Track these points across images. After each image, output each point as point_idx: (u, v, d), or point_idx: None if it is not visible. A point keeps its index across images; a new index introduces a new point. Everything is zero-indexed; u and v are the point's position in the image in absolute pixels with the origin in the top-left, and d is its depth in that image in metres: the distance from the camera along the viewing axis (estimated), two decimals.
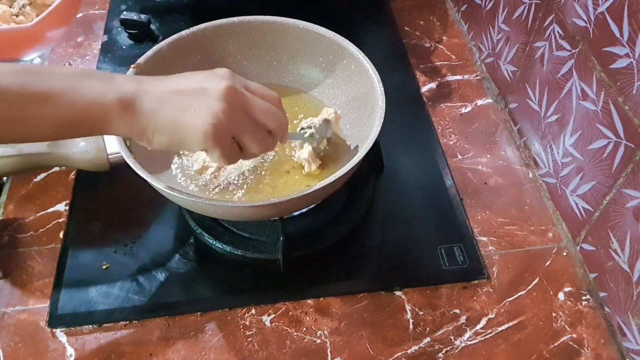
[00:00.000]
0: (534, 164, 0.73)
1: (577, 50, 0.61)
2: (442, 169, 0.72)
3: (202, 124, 0.44)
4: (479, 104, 0.81)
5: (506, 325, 0.59)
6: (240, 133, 0.46)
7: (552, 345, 0.58)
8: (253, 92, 0.48)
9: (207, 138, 0.44)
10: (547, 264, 0.64)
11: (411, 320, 0.59)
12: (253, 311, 0.60)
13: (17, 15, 0.75)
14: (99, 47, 0.88)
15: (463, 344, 0.58)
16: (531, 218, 0.68)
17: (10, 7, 0.76)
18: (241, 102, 0.46)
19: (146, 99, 0.44)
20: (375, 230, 0.67)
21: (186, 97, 0.44)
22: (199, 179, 0.63)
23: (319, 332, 0.58)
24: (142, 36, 0.89)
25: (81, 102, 0.42)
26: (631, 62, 0.52)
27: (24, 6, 0.77)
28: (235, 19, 0.68)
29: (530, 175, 0.72)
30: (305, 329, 0.59)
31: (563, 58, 0.63)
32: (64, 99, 0.42)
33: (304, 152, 0.63)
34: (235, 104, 0.45)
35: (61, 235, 0.65)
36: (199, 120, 0.44)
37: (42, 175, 0.72)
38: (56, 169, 0.72)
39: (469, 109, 0.81)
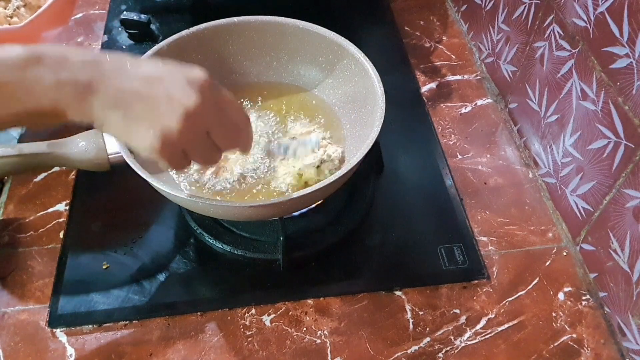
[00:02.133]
0: (534, 164, 0.73)
1: (577, 50, 0.61)
2: (442, 169, 0.72)
3: (152, 140, 0.40)
4: (478, 104, 0.81)
5: (506, 325, 0.59)
6: (192, 153, 0.43)
7: (552, 345, 0.58)
8: (223, 108, 0.43)
9: (154, 151, 0.41)
10: (547, 264, 0.64)
11: (411, 320, 0.59)
12: (253, 311, 0.60)
13: (10, 17, 0.75)
14: (99, 47, 0.88)
15: (463, 344, 0.58)
16: (531, 218, 0.68)
17: (5, 9, 0.76)
18: (203, 125, 0.42)
19: (102, 94, 0.39)
20: (375, 230, 0.67)
21: (146, 105, 0.39)
22: (198, 179, 0.63)
23: (319, 332, 0.58)
24: (142, 36, 0.89)
25: (30, 97, 0.38)
26: (631, 62, 0.52)
27: (18, 7, 0.76)
28: (235, 19, 0.68)
29: (530, 175, 0.72)
30: (305, 329, 0.59)
31: (563, 58, 0.63)
32: (11, 96, 0.38)
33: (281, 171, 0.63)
34: (195, 127, 0.41)
35: (61, 235, 0.65)
36: (150, 135, 0.40)
37: (42, 175, 0.72)
38: (56, 169, 0.72)
39: (468, 109, 0.81)
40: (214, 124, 0.42)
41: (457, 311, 0.60)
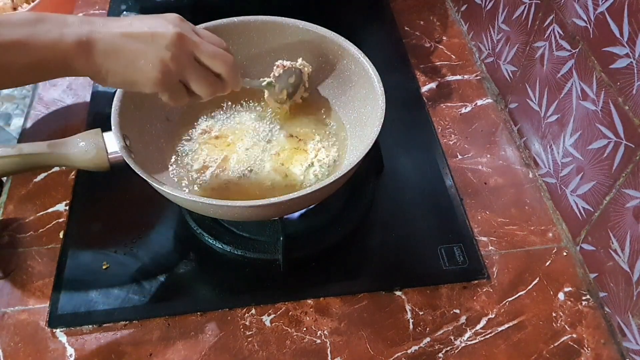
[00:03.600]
0: (534, 164, 0.73)
1: (577, 50, 0.61)
2: (442, 169, 0.72)
3: (151, 71, 0.47)
4: (479, 104, 0.81)
5: (506, 325, 0.59)
6: (188, 77, 0.49)
7: (552, 345, 0.58)
8: (202, 36, 0.50)
9: (156, 84, 0.47)
10: (547, 264, 0.64)
11: (411, 320, 0.59)
12: (253, 311, 0.60)
13: (14, 9, 0.76)
14: None
15: (463, 344, 0.58)
16: (531, 218, 0.68)
17: (12, 0, 0.76)
18: (188, 47, 0.48)
19: (100, 42, 0.46)
20: (375, 230, 0.67)
21: (137, 43, 0.46)
22: (198, 179, 0.63)
23: (319, 332, 0.58)
24: None
25: (42, 47, 0.44)
26: (631, 62, 0.52)
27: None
28: (235, 19, 0.68)
29: (530, 175, 0.72)
30: (305, 329, 0.59)
31: (563, 58, 0.63)
32: (26, 46, 0.44)
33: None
34: (183, 50, 0.47)
35: (61, 235, 0.65)
36: (149, 68, 0.47)
37: (42, 175, 0.72)
38: (56, 169, 0.72)
39: (469, 109, 0.81)
40: (198, 45, 0.49)
41: (457, 311, 0.60)
